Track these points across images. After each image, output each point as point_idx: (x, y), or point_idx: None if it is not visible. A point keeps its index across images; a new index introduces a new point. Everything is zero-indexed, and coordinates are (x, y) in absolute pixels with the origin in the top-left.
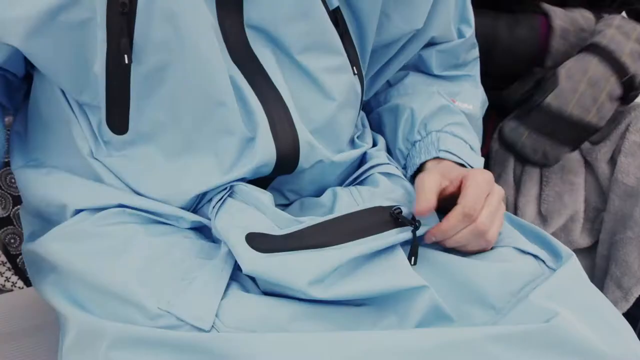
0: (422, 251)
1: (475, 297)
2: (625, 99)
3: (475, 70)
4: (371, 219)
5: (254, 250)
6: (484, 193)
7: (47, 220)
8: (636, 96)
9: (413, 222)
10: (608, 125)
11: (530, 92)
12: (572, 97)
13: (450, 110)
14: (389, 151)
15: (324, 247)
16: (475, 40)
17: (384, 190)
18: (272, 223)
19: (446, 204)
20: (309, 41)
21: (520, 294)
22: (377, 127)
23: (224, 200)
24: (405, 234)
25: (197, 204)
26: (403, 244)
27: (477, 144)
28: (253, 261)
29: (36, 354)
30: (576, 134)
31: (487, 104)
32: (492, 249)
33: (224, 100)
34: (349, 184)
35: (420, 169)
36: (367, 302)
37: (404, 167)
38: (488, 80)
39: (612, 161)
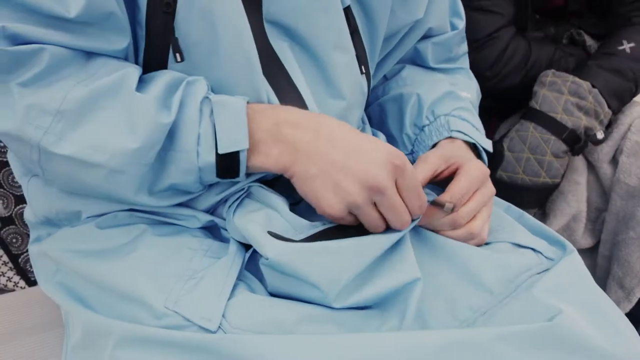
0: (423, 233)
1: (471, 280)
2: (573, 151)
3: (466, 63)
4: None
5: (278, 240)
6: (473, 187)
7: (57, 226)
8: (586, 145)
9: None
10: (609, 126)
11: None
12: (518, 168)
13: (456, 96)
14: (391, 141)
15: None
16: (464, 34)
17: None
18: (289, 225)
19: (443, 184)
20: (326, 37)
21: (517, 280)
22: (377, 118)
23: (241, 200)
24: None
25: (215, 208)
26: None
27: (482, 128)
28: (278, 249)
29: (38, 354)
30: (536, 195)
31: (480, 95)
32: (488, 244)
33: (261, 98)
34: None
35: None
36: (372, 305)
37: (411, 153)
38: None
39: (614, 161)
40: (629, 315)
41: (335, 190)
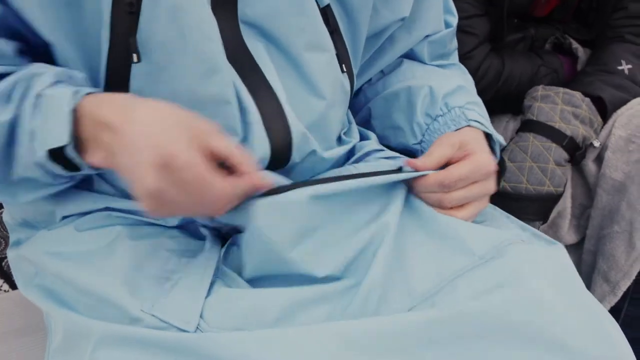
0: (411, 202)
1: (457, 244)
2: (573, 159)
3: (456, 59)
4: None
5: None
6: (473, 177)
7: (35, 228)
8: (584, 156)
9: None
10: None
11: None
12: (522, 177)
13: (467, 90)
14: (392, 135)
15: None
16: (455, 30)
17: (383, 165)
18: None
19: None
20: (302, 38)
21: (500, 245)
22: (382, 111)
23: None
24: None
25: None
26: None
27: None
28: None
29: (22, 357)
30: (541, 206)
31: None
32: None
33: (229, 99)
34: None
35: None
36: (348, 275)
37: (420, 142)
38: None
39: (598, 159)
40: (614, 308)
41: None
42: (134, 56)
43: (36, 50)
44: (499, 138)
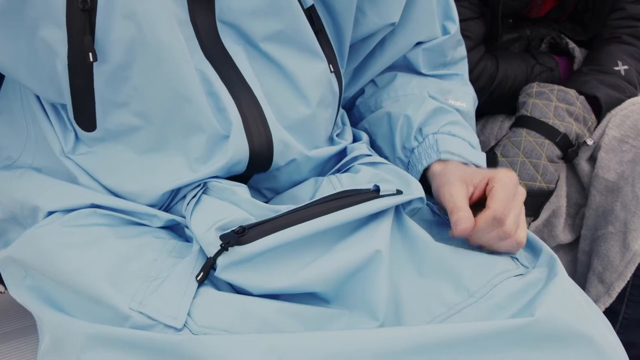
0: (404, 230)
1: (450, 278)
2: (566, 156)
3: (463, 69)
4: (350, 199)
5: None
6: (512, 195)
7: (22, 226)
8: (577, 153)
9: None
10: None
11: None
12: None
13: (444, 110)
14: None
15: (297, 224)
16: (460, 37)
17: (364, 176)
18: (247, 214)
19: (472, 208)
20: (281, 38)
21: (494, 279)
22: (371, 133)
23: (198, 198)
24: (384, 201)
25: (170, 201)
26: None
27: (475, 140)
28: (222, 263)
29: (17, 358)
30: (532, 201)
31: (477, 102)
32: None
33: (190, 96)
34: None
35: (424, 175)
36: (334, 302)
37: (407, 168)
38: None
39: (592, 159)
40: (609, 310)
41: None
42: (90, 55)
43: None
44: (478, 159)
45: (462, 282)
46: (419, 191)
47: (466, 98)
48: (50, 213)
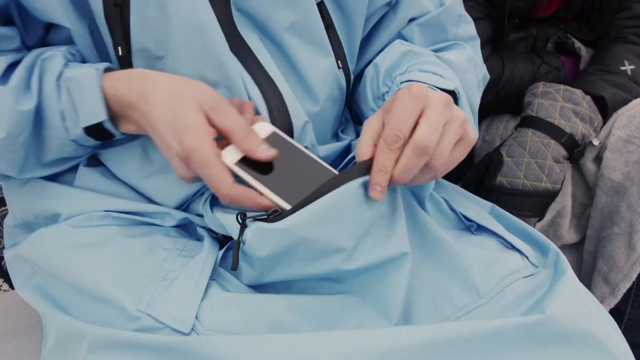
0: (419, 229)
1: (460, 278)
2: (572, 157)
3: (471, 46)
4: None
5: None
6: (413, 110)
7: (33, 230)
8: (583, 153)
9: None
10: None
11: (482, 178)
12: (519, 173)
13: (414, 53)
14: None
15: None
16: (463, 13)
17: None
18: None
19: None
20: (294, 30)
21: (504, 280)
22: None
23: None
24: None
25: (190, 199)
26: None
27: (450, 74)
28: (252, 234)
29: (19, 357)
30: (537, 202)
31: (487, 78)
32: (477, 235)
33: (231, 85)
34: None
35: None
36: (349, 290)
37: None
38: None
39: (597, 159)
40: (614, 310)
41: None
42: (119, 49)
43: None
44: (446, 84)
45: (472, 283)
46: None
47: (460, 54)
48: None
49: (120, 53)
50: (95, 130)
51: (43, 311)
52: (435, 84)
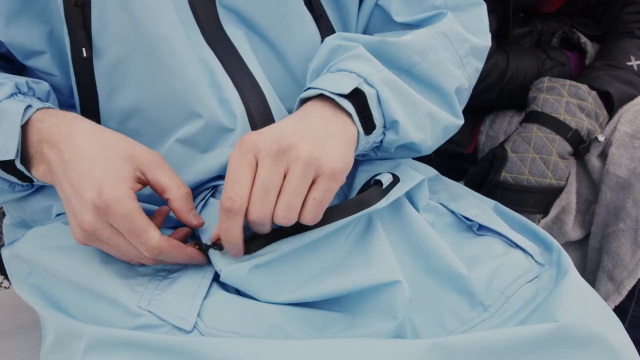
0: (408, 237)
1: (462, 291)
2: (577, 153)
3: (466, 15)
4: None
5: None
6: (240, 169)
7: (31, 228)
8: (588, 149)
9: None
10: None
11: (487, 174)
12: (524, 168)
13: (343, 48)
14: None
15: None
16: None
17: (361, 180)
18: None
19: None
20: (282, 24)
21: (507, 291)
22: None
23: (206, 200)
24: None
25: None
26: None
27: (371, 67)
28: (226, 272)
29: (19, 355)
30: (542, 198)
31: (483, 48)
32: (480, 235)
33: (191, 87)
34: None
35: None
36: (344, 309)
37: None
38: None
39: (603, 155)
40: (617, 307)
41: (70, 219)
42: (83, 50)
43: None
44: (339, 88)
45: (477, 297)
46: (418, 176)
47: (423, 33)
48: (60, 214)
49: (84, 54)
50: (13, 169)
51: (41, 310)
52: (325, 86)
